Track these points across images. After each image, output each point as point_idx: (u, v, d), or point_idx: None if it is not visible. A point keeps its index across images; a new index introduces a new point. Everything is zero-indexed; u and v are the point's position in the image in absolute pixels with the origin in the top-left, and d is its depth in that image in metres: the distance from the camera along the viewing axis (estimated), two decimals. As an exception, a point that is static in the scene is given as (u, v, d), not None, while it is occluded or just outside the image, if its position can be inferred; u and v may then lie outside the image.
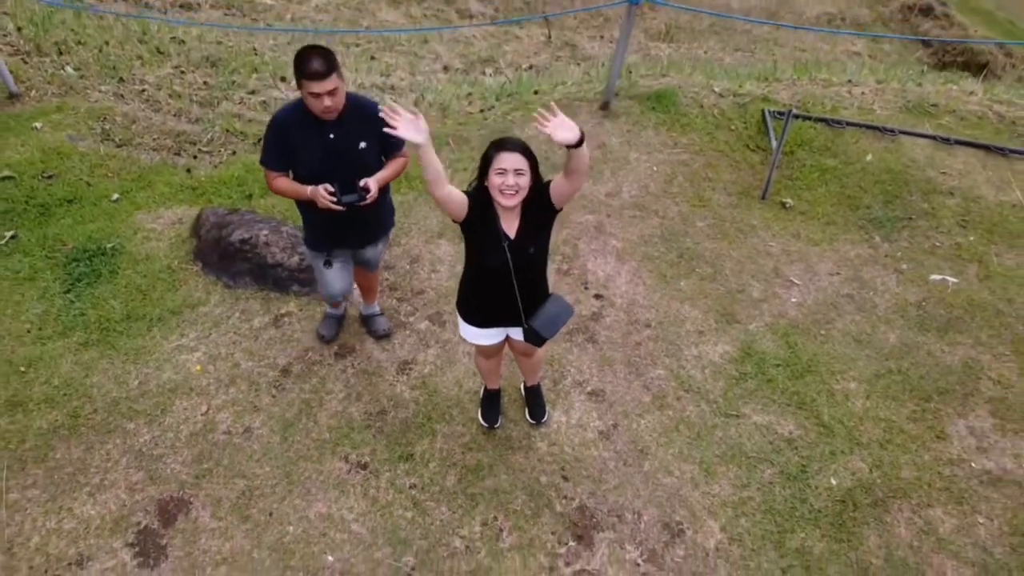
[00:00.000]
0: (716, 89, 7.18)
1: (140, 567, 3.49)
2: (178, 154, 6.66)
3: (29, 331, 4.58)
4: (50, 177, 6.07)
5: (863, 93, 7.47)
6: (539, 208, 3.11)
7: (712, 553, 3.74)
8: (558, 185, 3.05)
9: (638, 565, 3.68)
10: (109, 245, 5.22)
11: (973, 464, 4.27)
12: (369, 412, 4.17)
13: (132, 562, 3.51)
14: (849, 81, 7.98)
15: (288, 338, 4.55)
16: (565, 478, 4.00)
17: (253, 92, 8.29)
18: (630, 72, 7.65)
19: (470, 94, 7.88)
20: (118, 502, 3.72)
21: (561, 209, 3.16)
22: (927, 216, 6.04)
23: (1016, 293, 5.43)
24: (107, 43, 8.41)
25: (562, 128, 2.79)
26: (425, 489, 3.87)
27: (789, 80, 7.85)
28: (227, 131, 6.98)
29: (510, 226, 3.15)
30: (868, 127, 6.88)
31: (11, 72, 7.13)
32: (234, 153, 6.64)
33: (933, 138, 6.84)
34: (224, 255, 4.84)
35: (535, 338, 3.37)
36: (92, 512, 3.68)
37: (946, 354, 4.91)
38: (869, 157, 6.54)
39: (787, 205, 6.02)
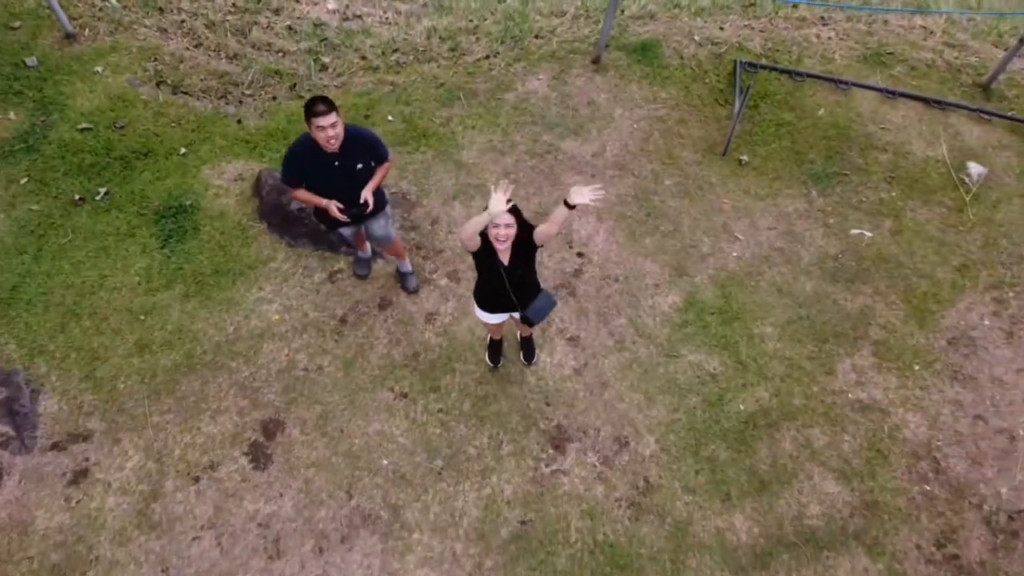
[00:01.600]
0: (696, 38, 8.07)
1: (254, 469, 5.16)
2: (224, 98, 7.70)
3: (139, 283, 5.99)
4: (122, 128, 7.19)
5: (829, 38, 8.34)
6: (525, 245, 4.42)
7: (647, 459, 5.41)
8: (539, 232, 4.33)
9: (595, 467, 5.35)
10: (187, 202, 6.49)
11: (850, 395, 5.86)
12: (406, 354, 5.69)
13: (248, 466, 5.17)
14: (821, 18, 8.79)
15: (342, 292, 5.98)
16: (547, 404, 5.59)
17: (277, 11, 9.08)
18: (622, 11, 8.45)
19: (477, 28, 8.70)
20: (232, 423, 5.33)
21: (543, 245, 4.47)
22: (860, 172, 7.23)
23: (919, 247, 6.77)
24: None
25: (580, 195, 4.02)
26: (449, 412, 5.47)
27: (768, 16, 8.65)
28: (264, 73, 7.94)
29: (504, 256, 4.47)
30: (826, 79, 7.87)
31: (61, 7, 7.90)
32: (274, 99, 7.67)
33: (881, 91, 7.85)
34: (286, 219, 6.15)
35: (528, 322, 4.81)
36: (215, 430, 5.30)
37: (848, 302, 6.35)
38: (821, 111, 7.61)
39: (743, 161, 7.19)
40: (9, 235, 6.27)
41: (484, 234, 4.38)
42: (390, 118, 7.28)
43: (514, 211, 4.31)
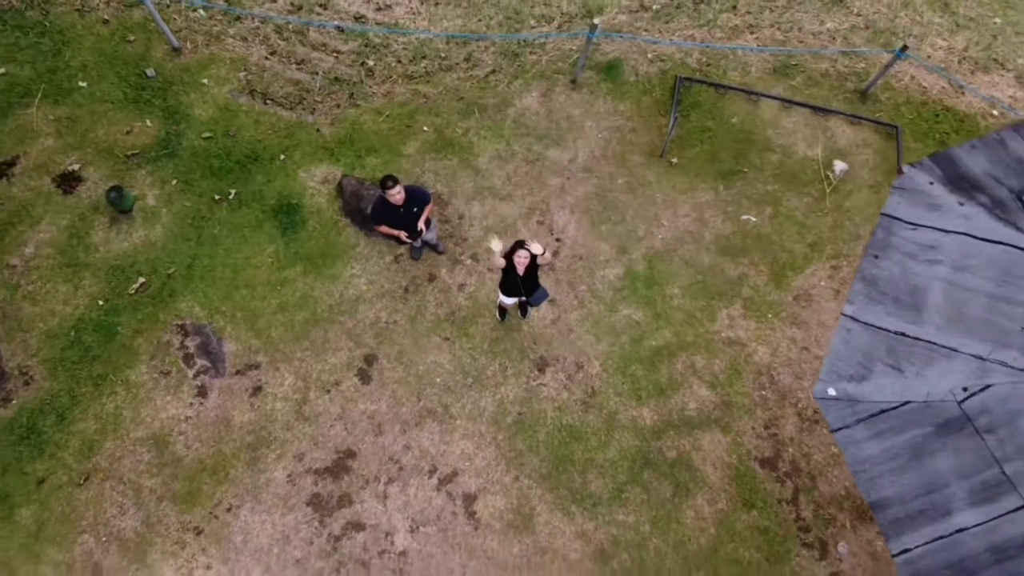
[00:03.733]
0: (649, 56, 10.86)
1: (362, 384, 8.77)
2: (301, 104, 10.53)
3: (272, 263, 9.30)
4: (233, 136, 10.13)
5: (751, 50, 11.11)
6: (533, 265, 7.75)
7: (594, 376, 9.04)
8: (539, 260, 7.66)
9: (563, 381, 8.99)
10: (294, 201, 9.64)
11: (723, 334, 9.40)
12: (447, 312, 9.14)
13: (358, 382, 8.77)
14: (751, 26, 11.47)
15: (403, 270, 9.33)
16: (535, 343, 9.14)
17: (325, 5, 11.60)
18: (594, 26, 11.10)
19: (486, 29, 11.28)
20: (346, 356, 8.87)
21: (542, 265, 7.80)
22: (756, 169, 10.36)
23: (787, 228, 10.04)
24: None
25: (535, 247, 7.34)
26: (475, 349, 9.02)
27: (708, 25, 11.33)
28: (328, 80, 10.71)
29: (521, 270, 7.79)
30: (741, 91, 10.76)
31: (164, 21, 10.42)
32: (338, 106, 10.52)
33: (781, 100, 10.78)
34: (364, 218, 9.36)
35: (529, 304, 8.26)
36: (336, 361, 8.85)
37: (731, 270, 9.74)
38: (735, 119, 10.59)
39: (673, 163, 10.29)
40: (175, 225, 9.46)
41: (508, 258, 7.68)
42: (425, 128, 10.25)
43: (527, 249, 7.59)
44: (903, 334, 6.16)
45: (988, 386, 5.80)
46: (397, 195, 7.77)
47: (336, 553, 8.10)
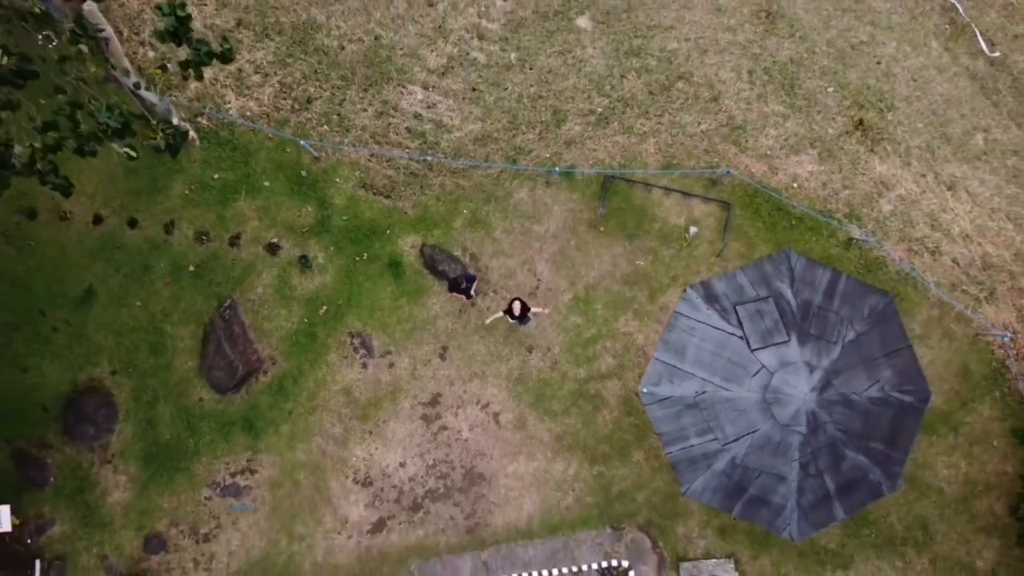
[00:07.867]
0: (590, 161, 19.04)
1: (441, 361, 17.89)
2: (393, 192, 18.69)
3: (392, 298, 17.98)
4: (359, 218, 18.43)
5: (649, 151, 19.32)
6: (524, 311, 16.72)
7: (557, 354, 18.32)
8: (531, 310, 16.65)
9: (540, 357, 18.27)
10: (397, 260, 18.16)
11: (622, 329, 18.67)
12: (479, 323, 18.16)
13: (439, 360, 17.92)
14: (654, 131, 19.57)
15: (457, 300, 18.10)
16: (526, 337, 18.26)
17: (396, 108, 19.33)
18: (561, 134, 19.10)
19: (498, 137, 19.22)
20: (432, 346, 17.87)
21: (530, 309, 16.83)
22: (646, 233, 18.98)
23: (659, 269, 18.87)
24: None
25: (530, 307, 16.34)
26: (496, 342, 18.13)
27: (628, 133, 19.41)
28: (407, 175, 18.74)
29: (516, 312, 16.75)
30: (642, 183, 19.13)
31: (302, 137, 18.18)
32: (414, 194, 18.70)
33: (663, 188, 19.21)
34: (438, 272, 18.02)
35: (521, 325, 17.38)
36: (428, 349, 17.89)
37: (628, 294, 18.68)
38: (637, 202, 19.09)
39: (601, 230, 18.90)
40: (337, 275, 18.04)
41: (510, 306, 16.64)
42: (465, 211, 18.57)
43: (522, 300, 16.54)
44: (675, 367, 15.28)
45: (705, 391, 15.19)
46: (460, 278, 16.52)
47: (435, 440, 17.76)
